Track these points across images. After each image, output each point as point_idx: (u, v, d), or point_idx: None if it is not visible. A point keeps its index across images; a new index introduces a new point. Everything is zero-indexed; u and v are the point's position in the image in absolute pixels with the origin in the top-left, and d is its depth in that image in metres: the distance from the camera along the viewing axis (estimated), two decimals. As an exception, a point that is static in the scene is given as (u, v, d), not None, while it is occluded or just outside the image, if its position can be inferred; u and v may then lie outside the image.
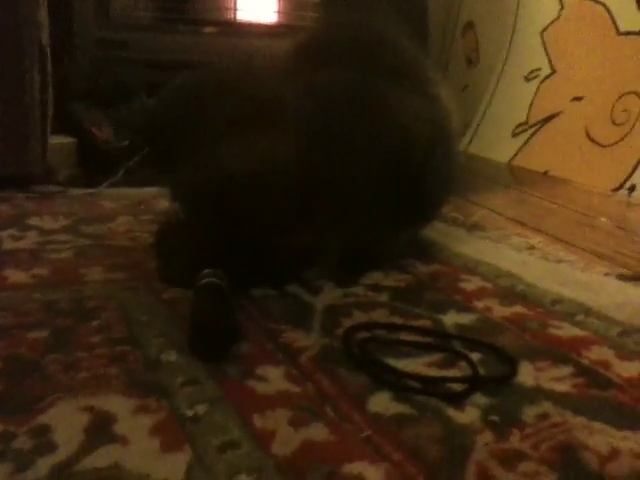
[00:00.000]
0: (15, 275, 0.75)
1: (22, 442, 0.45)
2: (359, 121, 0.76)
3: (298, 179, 0.72)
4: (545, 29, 1.63)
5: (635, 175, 1.31)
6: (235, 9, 1.79)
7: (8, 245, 0.85)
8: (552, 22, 1.62)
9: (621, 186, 1.32)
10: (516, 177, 1.53)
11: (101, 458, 0.44)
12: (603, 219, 1.13)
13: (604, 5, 1.48)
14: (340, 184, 0.75)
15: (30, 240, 0.88)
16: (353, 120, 0.76)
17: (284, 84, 0.77)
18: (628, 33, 1.42)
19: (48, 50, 1.10)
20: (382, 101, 0.78)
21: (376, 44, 0.85)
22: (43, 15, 1.06)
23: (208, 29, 1.74)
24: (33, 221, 0.96)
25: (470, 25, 1.98)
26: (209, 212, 0.74)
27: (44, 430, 0.46)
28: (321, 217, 0.75)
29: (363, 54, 0.82)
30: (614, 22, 1.45)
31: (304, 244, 0.76)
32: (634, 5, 1.41)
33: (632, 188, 1.30)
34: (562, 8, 1.59)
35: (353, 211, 0.76)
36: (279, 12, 1.82)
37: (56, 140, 1.22)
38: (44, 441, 0.45)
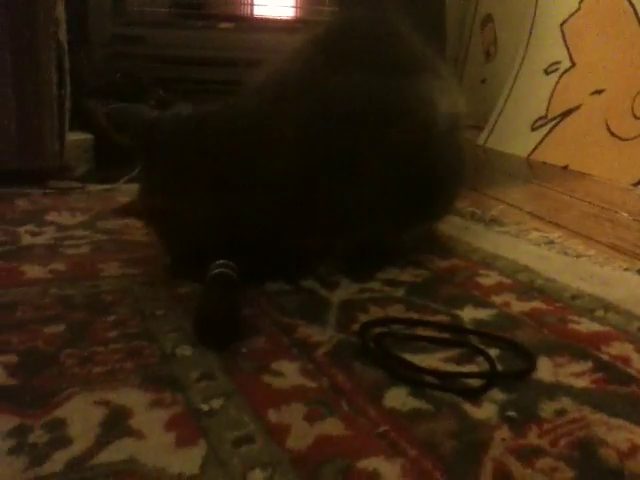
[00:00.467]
0: (33, 270, 0.76)
1: (38, 436, 0.45)
2: (373, 117, 0.76)
3: (307, 172, 0.73)
4: (565, 21, 1.61)
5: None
6: (252, 4, 1.79)
7: (26, 240, 0.86)
8: (572, 14, 1.59)
9: (641, 180, 1.30)
10: (535, 171, 1.51)
11: (116, 452, 0.44)
12: (623, 213, 1.11)
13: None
14: (353, 178, 0.74)
15: (48, 235, 0.88)
16: (366, 116, 0.75)
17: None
18: (649, 25, 1.40)
19: (65, 46, 1.10)
20: (394, 96, 0.77)
21: (390, 39, 0.84)
22: (60, 11, 1.06)
23: (224, 24, 1.74)
24: (51, 217, 0.97)
25: (489, 18, 1.96)
26: None
27: (60, 424, 0.47)
28: (333, 212, 0.75)
29: (378, 50, 0.82)
30: (636, 14, 1.43)
31: (316, 239, 0.75)
32: (656, -4, 1.39)
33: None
34: (582, 0, 1.57)
35: (366, 205, 0.76)
36: (296, 7, 1.82)
37: (73, 136, 1.22)
38: (60, 435, 0.45)
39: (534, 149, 1.59)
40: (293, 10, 1.81)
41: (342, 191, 0.74)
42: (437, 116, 0.78)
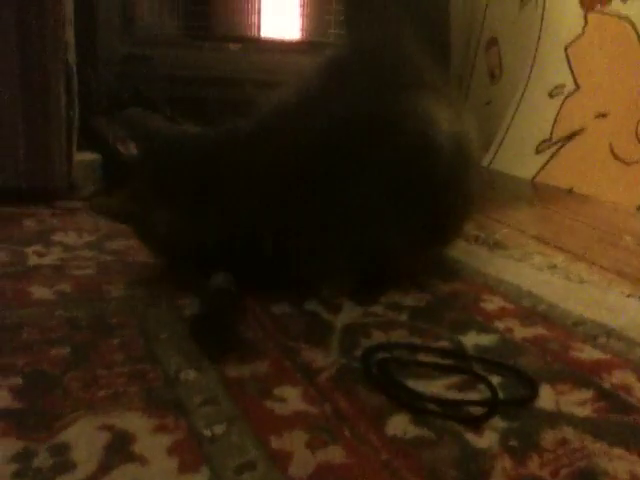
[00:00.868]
0: (39, 291, 0.76)
1: (42, 460, 0.45)
2: (382, 138, 0.76)
3: (310, 190, 0.74)
4: (569, 45, 1.62)
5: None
6: (258, 26, 1.81)
7: (33, 261, 0.87)
8: (576, 38, 1.61)
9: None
10: (539, 194, 1.52)
11: (120, 477, 0.44)
12: (627, 237, 1.12)
13: (629, 21, 1.47)
14: (359, 199, 0.75)
15: (54, 256, 0.89)
16: (374, 137, 0.76)
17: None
18: (653, 49, 1.41)
19: (74, 68, 1.12)
20: (405, 118, 0.78)
21: (399, 63, 0.85)
22: (70, 35, 1.08)
23: (232, 45, 1.76)
24: (58, 237, 0.97)
25: (493, 41, 1.98)
26: None
27: (64, 448, 0.47)
28: (339, 231, 0.76)
29: (386, 73, 0.83)
30: (639, 39, 1.44)
31: (319, 259, 0.76)
32: (660, 21, 1.40)
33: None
34: (586, 24, 1.58)
35: (374, 227, 0.77)
36: (302, 29, 1.84)
37: (81, 156, 1.24)
38: (64, 460, 0.46)
39: (538, 171, 1.59)
40: (299, 32, 1.84)
41: (338, 211, 0.75)
42: (439, 136, 0.78)
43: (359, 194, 0.75)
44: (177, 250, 0.79)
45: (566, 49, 1.63)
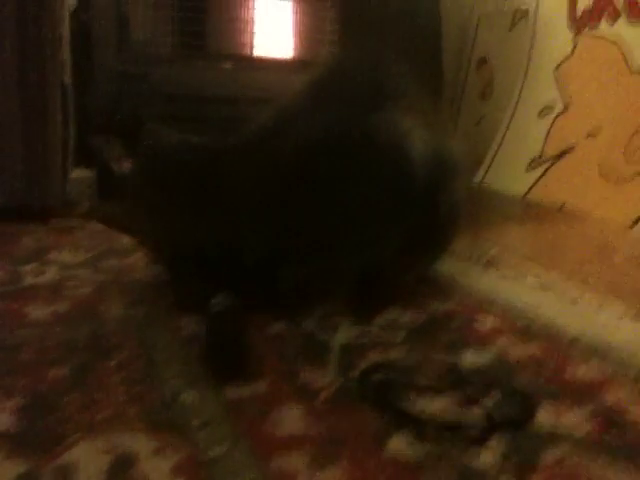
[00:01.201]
0: (36, 311, 0.76)
1: (46, 483, 0.46)
2: (369, 157, 0.77)
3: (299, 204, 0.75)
4: (559, 66, 1.65)
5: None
6: (252, 45, 1.82)
7: (29, 280, 0.87)
8: (565, 59, 1.63)
9: (637, 222, 1.31)
10: (531, 211, 1.53)
11: (123, 500, 0.44)
12: (620, 255, 1.13)
13: (617, 44, 1.49)
14: (348, 217, 0.76)
15: (51, 275, 0.89)
16: (361, 155, 0.77)
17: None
18: (641, 71, 1.43)
19: (70, 87, 1.12)
20: (391, 135, 0.78)
21: (386, 82, 0.86)
22: (66, 54, 1.09)
23: (226, 64, 1.78)
24: (53, 255, 0.98)
25: (484, 60, 2.00)
26: None
27: (68, 470, 0.47)
28: (331, 248, 0.77)
29: (373, 92, 0.83)
30: (626, 61, 1.46)
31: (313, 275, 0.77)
32: (647, 44, 1.42)
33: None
34: (575, 46, 1.61)
35: (364, 243, 0.77)
36: (295, 48, 1.86)
37: (75, 173, 1.24)
38: (68, 482, 0.46)
39: (530, 189, 1.61)
40: (293, 51, 1.85)
41: (315, 230, 0.76)
42: (412, 150, 0.78)
43: (335, 212, 0.76)
44: (180, 259, 0.79)
45: (555, 70, 1.66)
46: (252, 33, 1.81)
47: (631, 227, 1.32)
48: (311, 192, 0.76)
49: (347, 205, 0.76)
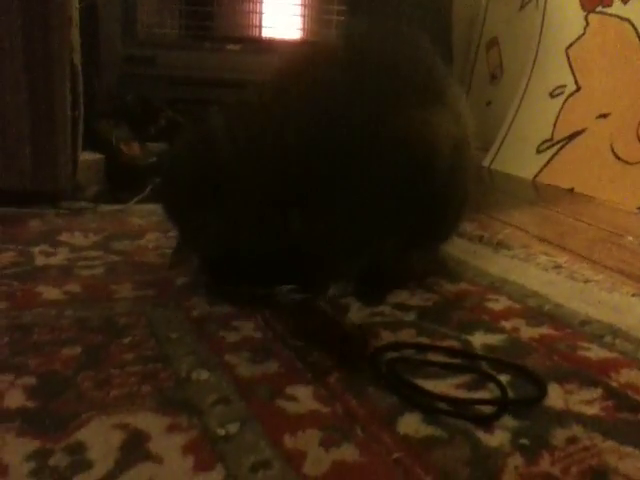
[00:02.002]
0: (48, 291, 0.77)
1: (59, 459, 0.46)
2: (377, 136, 0.76)
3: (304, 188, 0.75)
4: (570, 45, 1.63)
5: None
6: (260, 26, 1.81)
7: (40, 261, 0.87)
8: (577, 39, 1.61)
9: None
10: (541, 194, 1.52)
11: (137, 476, 0.45)
12: (630, 238, 1.12)
13: (630, 22, 1.47)
14: (356, 199, 0.75)
15: (62, 256, 0.89)
16: (370, 135, 0.76)
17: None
18: (654, 50, 1.42)
19: (80, 69, 1.12)
20: (403, 114, 0.78)
21: (398, 59, 0.85)
22: (76, 36, 1.08)
23: (233, 46, 1.77)
24: (64, 237, 0.98)
25: (494, 41, 1.98)
26: None
27: (80, 448, 0.47)
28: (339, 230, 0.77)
29: (385, 69, 0.82)
30: (639, 38, 1.45)
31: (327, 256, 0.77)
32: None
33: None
34: (587, 25, 1.59)
35: (372, 226, 0.77)
36: (303, 29, 1.85)
37: (84, 157, 1.24)
38: (80, 459, 0.46)
39: (540, 171, 1.60)
40: (300, 32, 1.84)
41: (338, 211, 0.76)
42: (438, 138, 0.78)
43: (357, 194, 0.76)
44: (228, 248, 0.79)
45: (567, 50, 1.64)
46: (260, 14, 1.80)
47: (641, 209, 1.31)
48: (337, 174, 0.75)
49: (371, 188, 0.76)
